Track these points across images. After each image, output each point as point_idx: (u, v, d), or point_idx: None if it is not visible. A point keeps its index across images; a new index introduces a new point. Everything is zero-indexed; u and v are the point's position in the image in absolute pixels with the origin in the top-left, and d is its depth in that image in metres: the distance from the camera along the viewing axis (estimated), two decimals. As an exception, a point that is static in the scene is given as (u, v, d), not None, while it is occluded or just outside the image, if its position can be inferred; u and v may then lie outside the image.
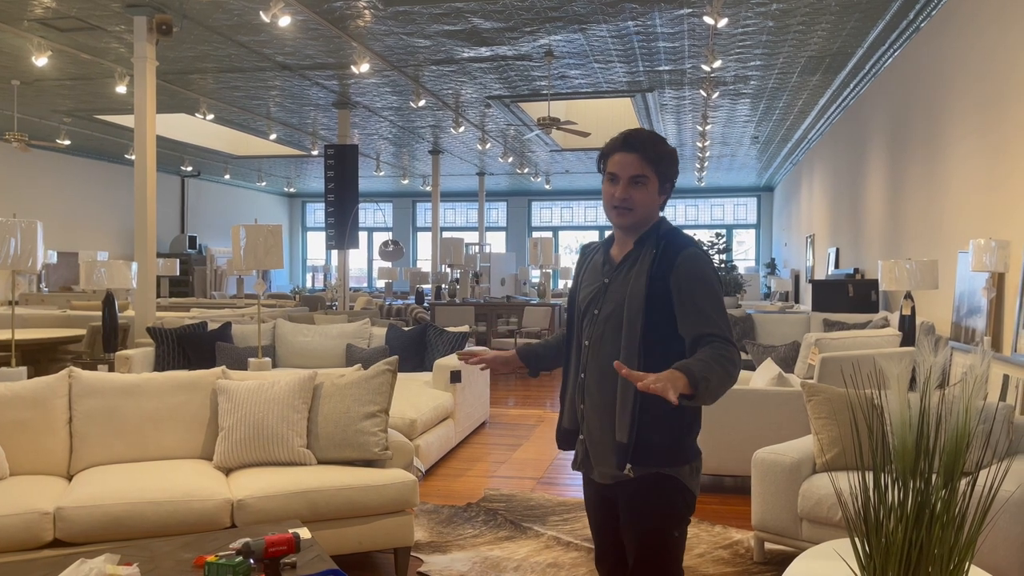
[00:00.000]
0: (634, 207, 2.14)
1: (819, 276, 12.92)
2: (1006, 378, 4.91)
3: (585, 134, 10.60)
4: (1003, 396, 4.85)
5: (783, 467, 3.67)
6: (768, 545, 3.84)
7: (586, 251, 2.35)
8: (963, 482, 1.84)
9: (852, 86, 10.13)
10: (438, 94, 10.84)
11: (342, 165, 11.22)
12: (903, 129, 8.56)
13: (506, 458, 6.00)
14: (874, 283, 9.03)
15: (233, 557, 2.41)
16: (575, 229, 23.57)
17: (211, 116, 11.61)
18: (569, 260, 23.46)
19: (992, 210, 6.08)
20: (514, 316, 11.47)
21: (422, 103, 10.52)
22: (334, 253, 13.66)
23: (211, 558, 2.45)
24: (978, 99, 6.42)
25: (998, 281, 5.83)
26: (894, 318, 7.05)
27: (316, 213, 24.24)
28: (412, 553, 3.83)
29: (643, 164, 2.13)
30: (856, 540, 1.91)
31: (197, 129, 13.95)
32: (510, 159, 15.78)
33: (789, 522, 3.64)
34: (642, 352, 2.08)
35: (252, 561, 2.34)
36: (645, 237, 2.18)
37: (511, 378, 10.53)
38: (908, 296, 6.38)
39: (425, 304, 12.90)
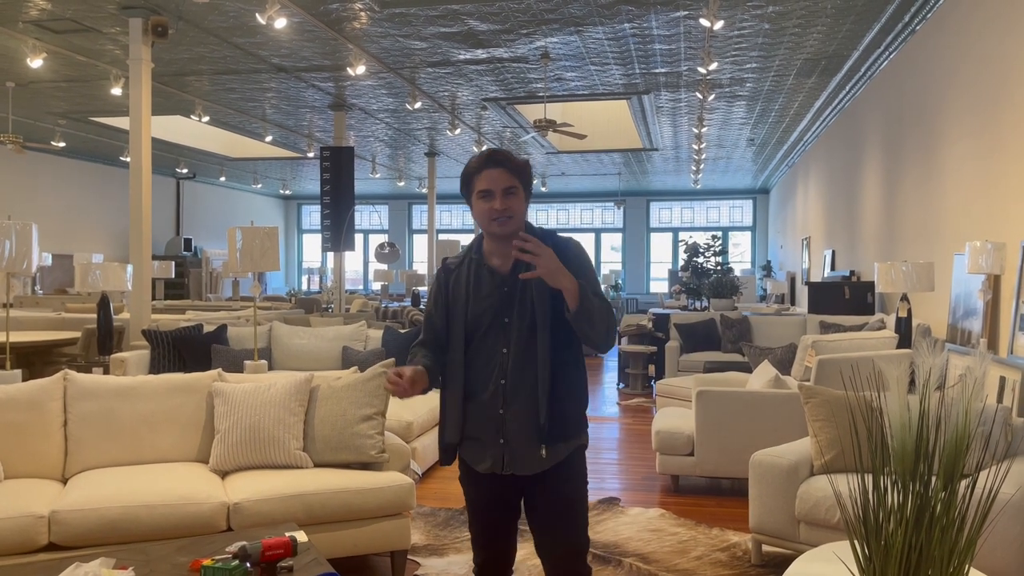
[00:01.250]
0: (513, 215, 2.36)
1: (815, 278, 12.94)
2: (1003, 380, 4.92)
3: (582, 136, 10.61)
4: (1000, 398, 4.86)
5: (781, 469, 3.66)
6: (766, 548, 3.83)
7: (449, 270, 2.48)
8: (963, 484, 1.84)
9: (848, 89, 10.15)
10: (434, 96, 10.84)
11: (338, 167, 11.22)
12: (898, 131, 8.58)
13: (503, 461, 5.98)
14: (870, 285, 9.04)
15: (229, 561, 2.40)
16: (572, 231, 23.57)
17: (207, 118, 11.59)
18: (565, 262, 23.47)
19: (988, 212, 6.10)
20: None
21: (418, 105, 10.52)
22: (330, 255, 13.65)
23: (207, 562, 2.43)
24: (973, 101, 6.44)
25: (994, 283, 5.84)
26: (890, 320, 7.06)
27: (312, 215, 24.20)
28: (409, 556, 3.81)
29: (511, 176, 2.37)
30: (856, 542, 1.90)
31: (192, 131, 13.92)
32: (506, 161, 15.75)
33: (787, 524, 3.63)
34: (563, 342, 2.36)
35: (248, 565, 2.33)
36: None
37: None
38: (904, 298, 6.38)
39: (421, 306, 12.88)
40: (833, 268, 11.91)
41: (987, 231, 6.05)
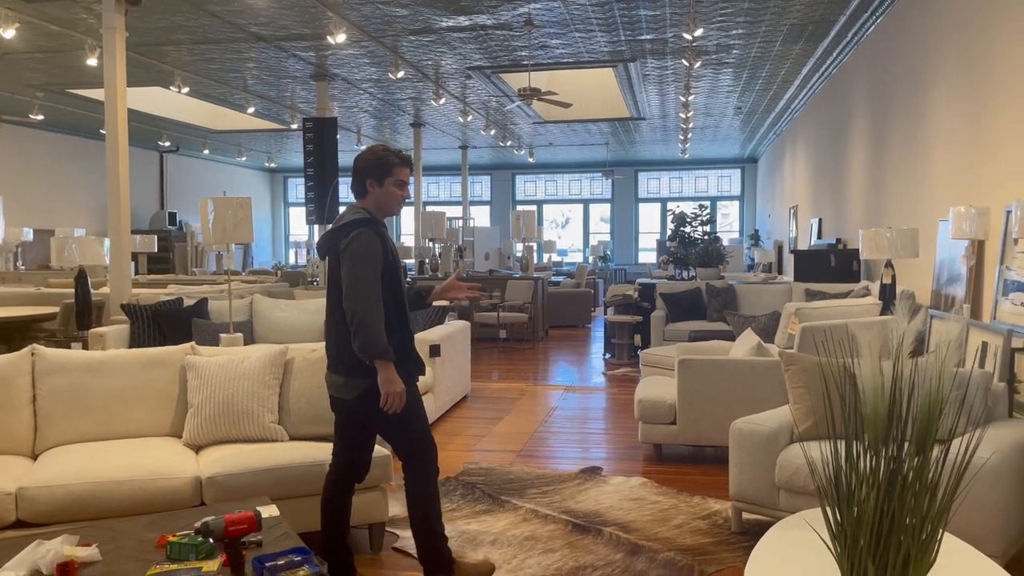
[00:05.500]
0: None
1: (802, 247, 12.92)
2: (984, 345, 4.90)
3: (567, 105, 10.48)
4: (982, 363, 4.85)
5: (760, 437, 3.64)
6: (746, 515, 3.82)
7: (381, 226, 3.12)
8: (937, 450, 1.80)
9: (835, 55, 10.04)
10: (417, 65, 10.67)
11: (321, 138, 11.05)
12: (885, 98, 8.50)
13: (486, 432, 5.96)
14: (855, 253, 9.02)
15: (195, 537, 2.35)
16: (559, 202, 23.46)
17: (186, 89, 11.38)
18: (554, 234, 23.39)
19: (973, 178, 6.05)
20: (497, 290, 11.41)
21: (401, 74, 10.36)
22: (316, 228, 13.51)
23: (172, 537, 2.39)
24: (959, 66, 6.36)
25: (978, 248, 5.81)
26: (875, 287, 7.04)
27: (297, 188, 23.99)
28: (388, 528, 3.79)
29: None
30: (827, 509, 1.87)
31: (175, 103, 13.69)
32: (492, 132, 15.62)
33: (767, 492, 3.62)
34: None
35: (211, 540, 2.28)
36: None
37: (494, 352, 10.49)
38: (889, 265, 6.35)
39: (409, 279, 12.80)
40: (820, 236, 11.88)
41: (972, 196, 6.01)
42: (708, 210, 13.81)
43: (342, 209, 3.25)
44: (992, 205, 5.60)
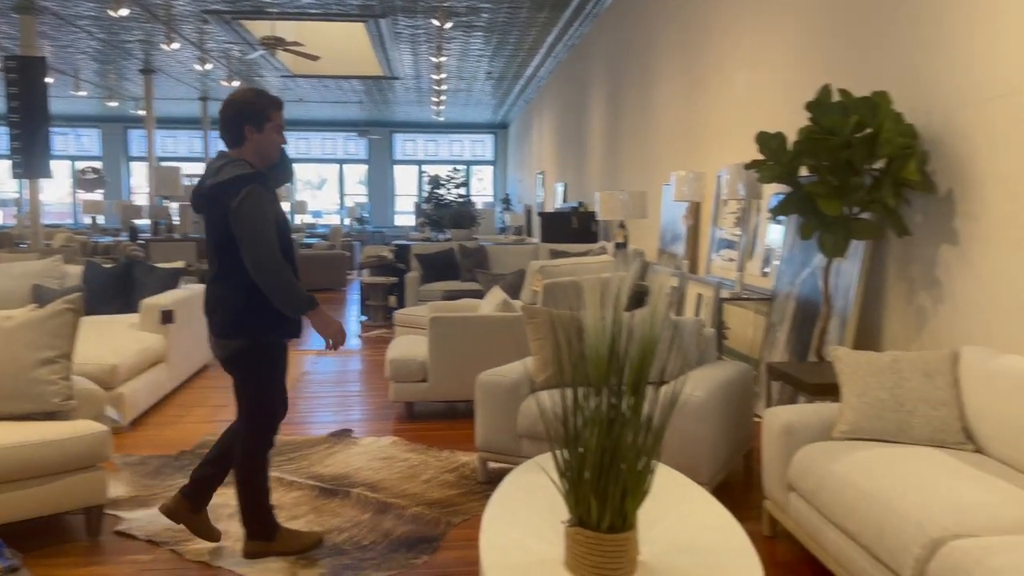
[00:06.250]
0: None
1: (549, 210, 13.57)
2: (699, 296, 5.44)
3: (315, 57, 10.05)
4: (697, 312, 5.38)
5: (503, 388, 3.76)
6: (492, 464, 3.94)
7: (267, 183, 2.92)
8: (652, 390, 1.93)
9: (576, 25, 10.54)
10: (144, 4, 9.63)
11: (27, 81, 9.66)
12: (620, 70, 9.07)
13: (230, 400, 5.61)
14: (594, 215, 9.63)
15: None
16: (312, 162, 22.65)
17: None
18: (308, 195, 22.57)
19: (692, 145, 6.65)
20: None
21: (124, 12, 9.28)
22: (27, 184, 11.85)
23: None
24: (682, 40, 6.91)
25: (695, 210, 6.42)
26: (611, 247, 7.56)
27: (3, 138, 20.91)
28: (109, 511, 3.43)
29: None
30: (556, 450, 1.94)
31: None
32: (236, 83, 14.61)
33: (510, 441, 3.75)
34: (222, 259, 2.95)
35: None
36: None
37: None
38: (622, 225, 6.84)
39: (141, 241, 11.67)
40: (565, 200, 12.55)
41: (691, 162, 6.61)
42: (463, 173, 14.05)
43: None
44: (707, 170, 6.19)
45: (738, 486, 3.86)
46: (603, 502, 1.86)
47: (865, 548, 2.43)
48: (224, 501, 3.61)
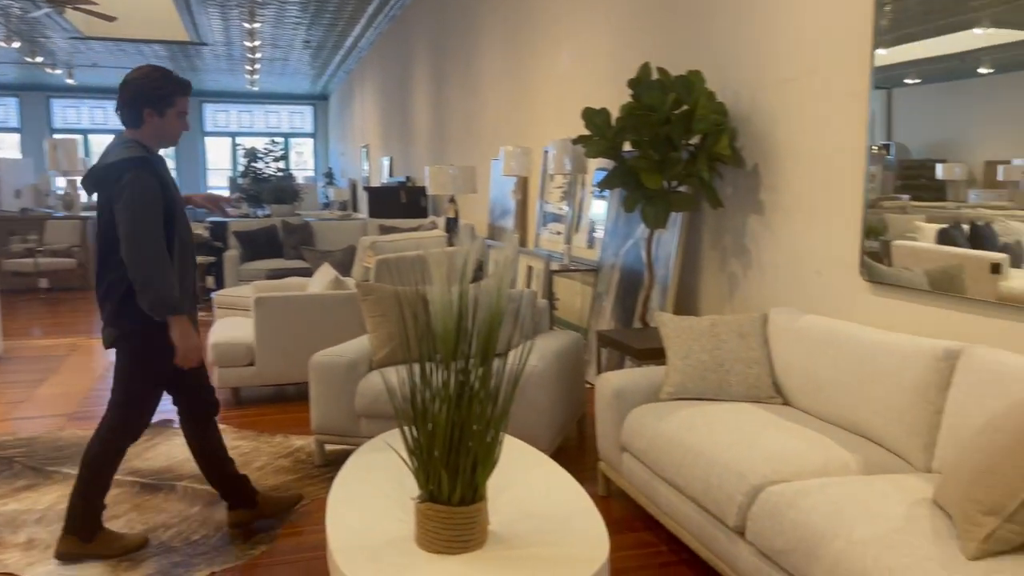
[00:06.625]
0: None
1: (375, 184, 13.34)
2: (530, 269, 5.57)
3: (111, 18, 9.21)
4: (528, 284, 5.51)
5: (340, 368, 3.66)
6: (329, 447, 3.85)
7: (157, 162, 2.80)
8: (498, 361, 1.95)
9: (399, -4, 10.35)
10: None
11: None
12: (444, 43, 9.02)
13: (27, 396, 5.10)
14: (423, 189, 9.57)
15: None
16: (110, 132, 20.82)
17: None
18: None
19: (519, 121, 6.75)
20: (33, 232, 9.75)
21: None
22: None
23: None
24: (505, 11, 6.98)
25: (524, 185, 6.55)
26: (441, 221, 7.55)
27: None
28: None
29: None
30: (405, 428, 1.92)
31: None
32: (16, 44, 13.08)
33: (348, 422, 3.67)
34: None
35: None
36: None
37: (34, 304, 9.01)
38: (452, 200, 6.84)
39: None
40: (391, 174, 12.37)
41: (518, 137, 6.72)
42: (281, 146, 13.46)
43: None
44: (534, 146, 6.32)
45: (573, 450, 4.02)
46: (454, 476, 1.87)
47: (693, 499, 2.61)
48: (28, 507, 3.28)
